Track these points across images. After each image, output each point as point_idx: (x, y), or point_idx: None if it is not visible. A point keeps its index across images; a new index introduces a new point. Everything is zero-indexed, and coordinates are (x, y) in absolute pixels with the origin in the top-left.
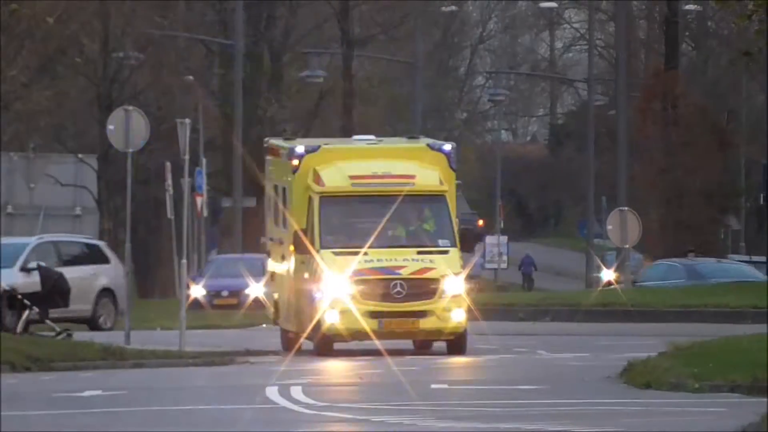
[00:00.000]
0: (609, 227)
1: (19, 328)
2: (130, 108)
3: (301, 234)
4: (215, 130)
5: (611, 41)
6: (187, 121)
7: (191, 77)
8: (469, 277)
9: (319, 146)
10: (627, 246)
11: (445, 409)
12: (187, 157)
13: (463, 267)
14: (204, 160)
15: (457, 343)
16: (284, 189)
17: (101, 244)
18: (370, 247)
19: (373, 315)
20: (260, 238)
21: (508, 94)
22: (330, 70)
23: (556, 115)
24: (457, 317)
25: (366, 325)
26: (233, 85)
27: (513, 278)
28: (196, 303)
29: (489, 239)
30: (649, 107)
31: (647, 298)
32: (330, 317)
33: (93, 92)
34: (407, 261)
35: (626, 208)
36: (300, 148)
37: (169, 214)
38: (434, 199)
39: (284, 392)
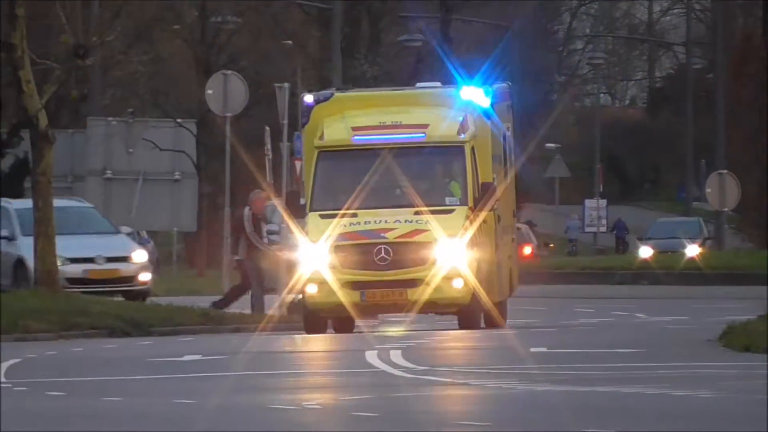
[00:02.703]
0: (708, 190)
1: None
2: (229, 72)
3: (274, 196)
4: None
5: (709, 4)
6: (286, 85)
7: (289, 41)
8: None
9: (331, 94)
10: (726, 209)
11: (544, 372)
12: (286, 121)
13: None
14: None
15: (465, 318)
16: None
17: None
18: (362, 208)
19: (355, 286)
20: None
21: (607, 57)
22: (427, 33)
23: (654, 78)
24: (456, 286)
25: (346, 297)
26: (331, 48)
27: (612, 242)
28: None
29: (588, 203)
30: (744, 70)
31: (742, 261)
32: (310, 290)
33: (191, 57)
34: (399, 223)
35: (725, 171)
36: (309, 98)
37: (268, 178)
38: (448, 151)
39: (384, 356)
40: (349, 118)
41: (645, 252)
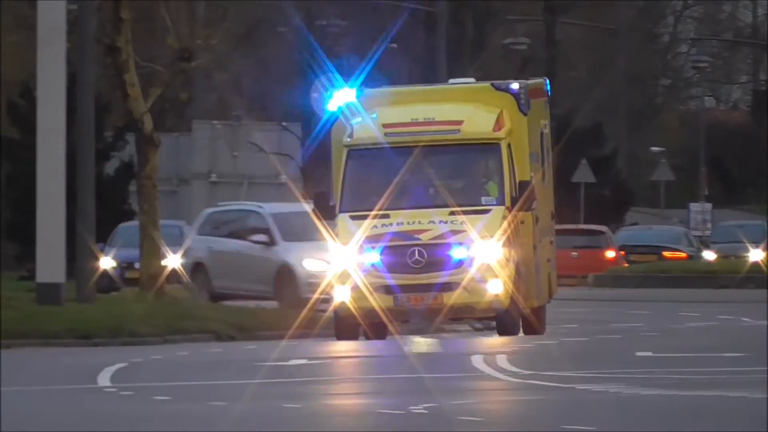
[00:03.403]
0: None
1: None
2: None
3: (300, 197)
4: None
5: None
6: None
7: (394, 44)
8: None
9: (362, 92)
10: None
11: (649, 376)
12: None
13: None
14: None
15: (503, 323)
16: None
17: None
18: (394, 208)
19: (388, 290)
20: None
21: (711, 60)
22: (532, 37)
23: (759, 81)
24: (494, 290)
25: (378, 302)
26: (436, 51)
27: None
28: (105, 276)
29: (693, 206)
30: None
31: None
32: (339, 294)
33: (296, 60)
34: (433, 224)
35: None
36: (336, 96)
37: None
38: (483, 148)
39: (490, 360)
40: (379, 114)
41: (709, 255)
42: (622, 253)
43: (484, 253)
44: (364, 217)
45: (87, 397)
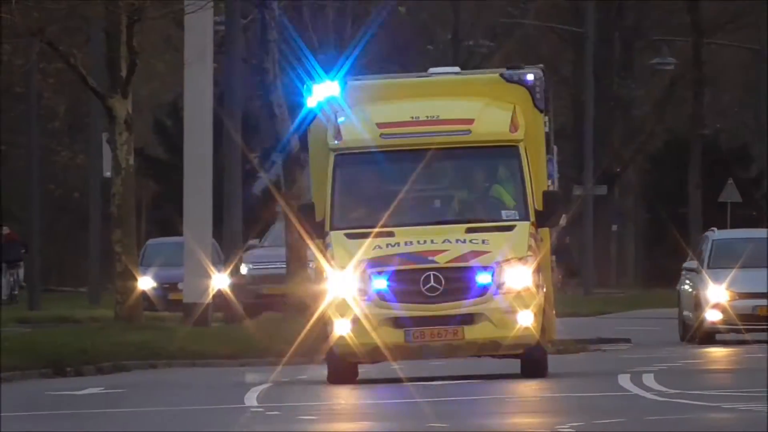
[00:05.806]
0: None
1: None
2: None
3: (291, 210)
4: (566, 117)
5: None
6: None
7: (541, 65)
8: None
9: (345, 83)
10: None
11: None
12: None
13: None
14: (555, 148)
15: (530, 361)
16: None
17: None
18: (398, 225)
19: (398, 323)
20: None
21: None
22: (681, 57)
23: None
24: (524, 322)
25: (386, 338)
26: (584, 72)
27: None
28: (143, 298)
29: None
30: None
31: None
32: (340, 328)
33: None
34: (449, 243)
35: None
36: (318, 89)
37: None
38: (500, 152)
39: (636, 379)
40: (371, 112)
41: None
42: None
43: (513, 279)
44: (363, 236)
45: (234, 417)
